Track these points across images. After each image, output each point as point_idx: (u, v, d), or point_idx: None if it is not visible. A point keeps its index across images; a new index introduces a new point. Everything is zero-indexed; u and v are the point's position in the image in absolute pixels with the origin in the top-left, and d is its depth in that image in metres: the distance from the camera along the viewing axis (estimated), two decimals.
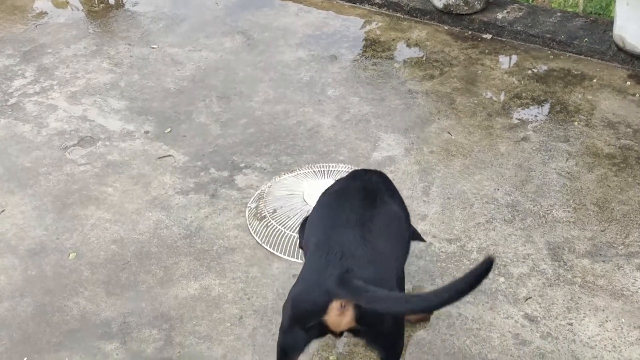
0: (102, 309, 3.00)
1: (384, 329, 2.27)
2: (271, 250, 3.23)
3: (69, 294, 3.07)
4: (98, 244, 3.32)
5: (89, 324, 2.94)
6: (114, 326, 2.93)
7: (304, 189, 3.53)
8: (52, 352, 2.83)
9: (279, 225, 3.34)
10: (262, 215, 3.40)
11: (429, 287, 3.06)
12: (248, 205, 3.47)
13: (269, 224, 3.35)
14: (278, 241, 3.27)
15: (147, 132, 4.02)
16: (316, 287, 2.19)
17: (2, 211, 3.49)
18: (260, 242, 3.28)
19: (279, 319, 2.89)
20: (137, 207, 3.52)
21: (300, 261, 3.11)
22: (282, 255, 3.21)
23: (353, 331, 2.24)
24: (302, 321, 2.21)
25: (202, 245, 3.28)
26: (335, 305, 2.16)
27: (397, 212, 2.63)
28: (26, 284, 3.12)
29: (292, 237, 3.28)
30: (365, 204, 2.43)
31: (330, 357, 2.78)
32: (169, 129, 4.04)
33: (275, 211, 3.42)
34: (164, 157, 3.84)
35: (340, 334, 2.26)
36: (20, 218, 3.46)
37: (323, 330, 2.22)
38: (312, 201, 3.16)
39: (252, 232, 3.33)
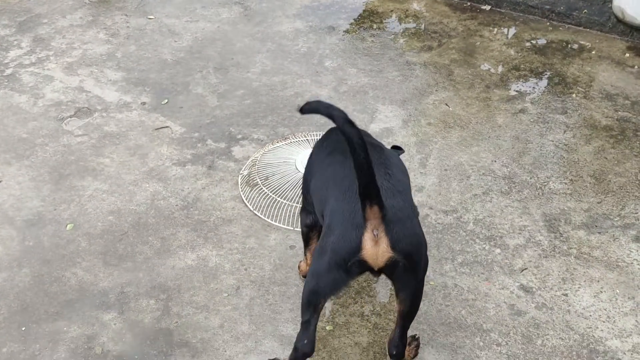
0: (99, 279, 3.01)
1: (416, 262, 2.28)
2: (265, 218, 3.25)
3: (66, 265, 3.08)
4: (95, 214, 3.32)
5: (87, 294, 2.96)
6: (111, 296, 2.94)
7: (297, 157, 3.54)
8: (50, 321, 2.84)
9: (271, 192, 3.36)
10: (254, 182, 3.42)
11: None
12: (241, 171, 3.49)
13: (261, 191, 3.38)
14: (272, 210, 3.29)
15: (144, 103, 4.01)
16: (349, 225, 2.21)
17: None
18: (253, 210, 3.30)
19: (276, 290, 2.91)
20: (134, 178, 3.52)
21: (296, 229, 3.12)
22: (276, 224, 3.22)
23: (389, 269, 2.25)
24: (342, 263, 2.23)
25: (200, 217, 3.28)
26: (368, 236, 2.18)
27: (392, 151, 2.68)
28: (24, 254, 3.13)
29: (285, 204, 3.30)
30: (371, 147, 2.43)
31: (327, 327, 2.80)
32: (166, 100, 4.02)
33: (267, 178, 3.45)
34: (161, 128, 3.83)
35: (379, 272, 2.27)
36: (17, 189, 3.46)
37: (362, 268, 2.25)
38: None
39: (245, 200, 3.35)
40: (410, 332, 2.72)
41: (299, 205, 3.20)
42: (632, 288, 2.91)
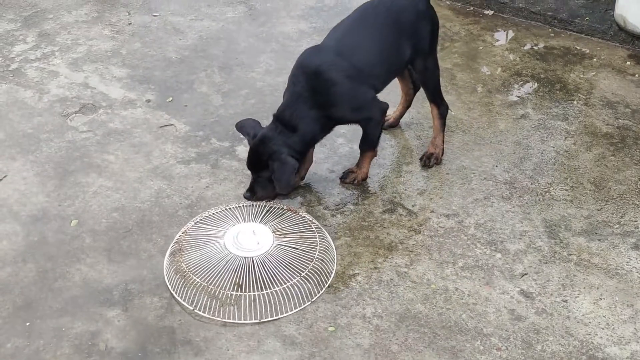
0: (104, 276, 3.04)
1: None
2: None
3: (70, 261, 3.11)
4: (100, 211, 3.34)
5: (91, 290, 2.98)
6: (115, 293, 2.97)
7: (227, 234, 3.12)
8: (55, 317, 2.87)
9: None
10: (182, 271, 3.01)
11: (426, 262, 3.11)
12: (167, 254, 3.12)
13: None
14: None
15: (148, 100, 4.03)
16: None
17: (4, 177, 3.51)
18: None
19: (279, 289, 2.94)
20: (139, 175, 3.54)
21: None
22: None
23: None
24: None
25: None
26: None
27: None
28: (28, 249, 3.15)
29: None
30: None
31: (329, 328, 2.83)
32: (171, 98, 4.05)
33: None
34: (165, 126, 3.85)
35: None
36: (22, 184, 3.47)
37: None
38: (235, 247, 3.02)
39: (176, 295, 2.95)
40: (410, 333, 2.76)
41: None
42: (631, 296, 2.95)
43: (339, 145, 3.72)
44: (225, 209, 3.27)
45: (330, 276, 3.02)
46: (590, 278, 3.03)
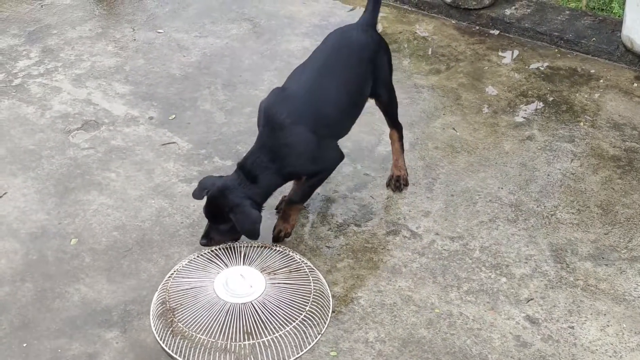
0: (103, 297, 3.00)
1: None
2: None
3: (69, 280, 3.07)
4: (100, 230, 3.31)
5: (90, 311, 2.94)
6: (114, 314, 2.93)
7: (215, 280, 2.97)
8: (52, 338, 2.83)
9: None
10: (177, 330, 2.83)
11: (430, 285, 3.06)
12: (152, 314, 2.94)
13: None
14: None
15: (151, 117, 4.00)
16: None
17: (5, 194, 3.48)
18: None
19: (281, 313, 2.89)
20: (140, 193, 3.51)
21: None
22: None
23: None
24: None
25: None
26: None
27: None
28: (27, 268, 3.12)
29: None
30: None
31: (331, 353, 2.78)
32: (174, 116, 4.02)
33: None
34: (167, 144, 3.82)
35: None
36: (22, 201, 3.44)
37: None
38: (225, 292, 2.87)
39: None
40: (414, 359, 2.72)
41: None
42: (638, 323, 2.89)
43: (342, 165, 3.67)
44: (199, 256, 3.09)
45: (330, 302, 2.95)
46: (597, 304, 2.97)
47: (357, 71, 3.22)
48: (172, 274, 3.02)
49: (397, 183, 3.53)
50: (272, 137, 3.03)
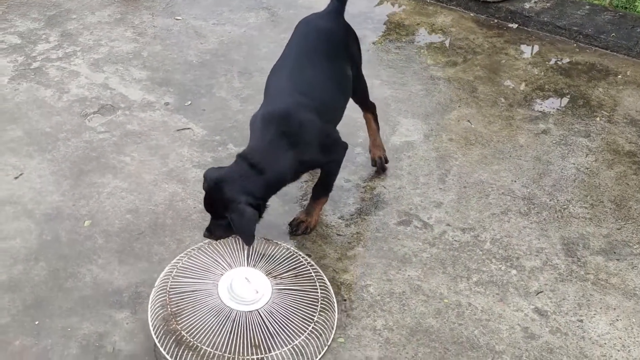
0: (114, 278, 3.03)
1: None
2: None
3: (82, 261, 3.10)
4: (113, 212, 3.33)
5: (101, 291, 2.97)
6: (125, 295, 2.95)
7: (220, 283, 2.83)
8: (64, 317, 2.86)
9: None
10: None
11: (440, 275, 3.06)
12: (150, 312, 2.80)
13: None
14: None
15: (167, 103, 4.02)
16: None
17: (20, 175, 3.51)
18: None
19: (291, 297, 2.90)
20: (154, 178, 3.53)
21: None
22: None
23: None
24: None
25: None
26: None
27: None
28: (41, 248, 3.15)
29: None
30: None
31: (339, 339, 2.79)
32: (189, 102, 4.04)
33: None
34: (182, 129, 3.84)
35: None
36: (38, 182, 3.48)
37: None
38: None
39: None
40: (421, 347, 2.72)
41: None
42: None
43: (356, 155, 3.68)
44: (199, 249, 2.96)
45: (334, 304, 2.86)
46: (607, 298, 2.96)
47: (335, 58, 3.18)
48: (172, 271, 2.87)
49: (381, 161, 3.56)
50: (278, 131, 2.89)
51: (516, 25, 4.80)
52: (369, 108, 3.54)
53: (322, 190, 3.22)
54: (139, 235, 3.23)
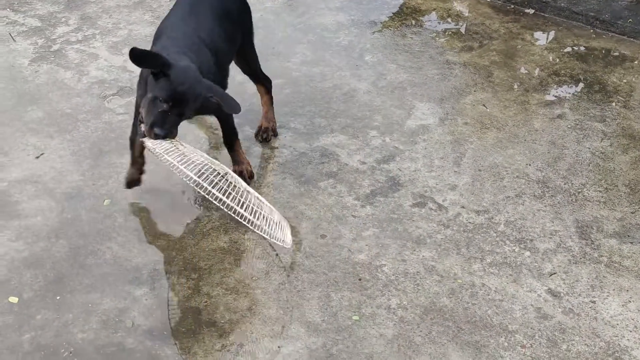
0: (133, 255, 3.08)
1: None
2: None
3: (102, 239, 3.15)
4: (132, 192, 3.38)
5: (121, 268, 3.03)
6: (144, 272, 3.01)
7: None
8: (84, 293, 2.92)
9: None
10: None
11: (454, 257, 3.10)
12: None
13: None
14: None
15: None
16: None
17: (42, 154, 3.57)
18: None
19: (305, 277, 2.96)
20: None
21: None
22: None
23: None
24: None
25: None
26: None
27: None
28: (61, 226, 3.21)
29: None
30: None
31: (354, 317, 2.83)
32: None
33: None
34: None
35: None
36: (59, 162, 3.54)
37: None
38: None
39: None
40: (434, 326, 2.76)
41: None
42: None
43: (372, 138, 3.72)
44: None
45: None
46: (620, 280, 2.99)
47: (225, 19, 3.33)
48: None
49: (265, 134, 3.70)
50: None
51: (533, 10, 4.80)
52: (259, 80, 3.72)
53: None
54: (157, 214, 3.28)
